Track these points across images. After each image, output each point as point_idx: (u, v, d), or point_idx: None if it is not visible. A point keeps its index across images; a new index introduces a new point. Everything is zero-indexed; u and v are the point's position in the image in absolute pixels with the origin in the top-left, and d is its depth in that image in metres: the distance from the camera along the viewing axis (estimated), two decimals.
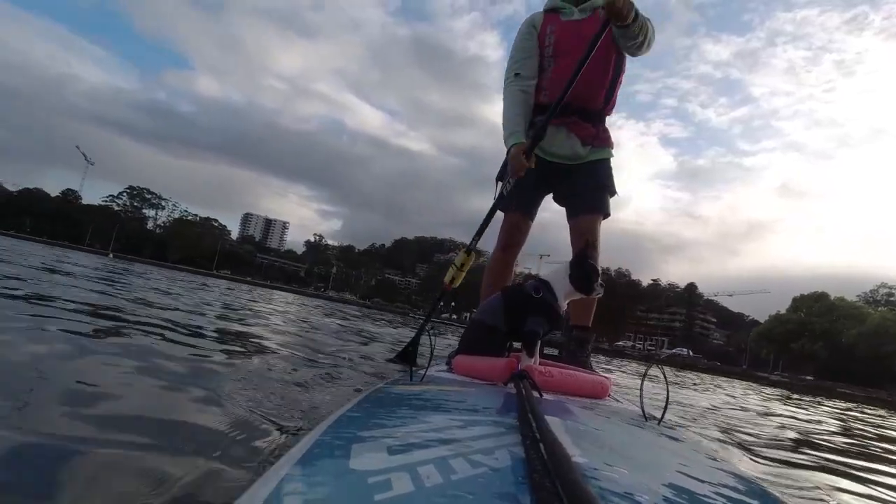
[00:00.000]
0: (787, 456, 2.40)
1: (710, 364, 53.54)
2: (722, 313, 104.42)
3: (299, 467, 0.54)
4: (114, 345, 2.11)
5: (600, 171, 2.25)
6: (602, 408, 1.16)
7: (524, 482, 0.47)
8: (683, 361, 50.08)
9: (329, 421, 0.76)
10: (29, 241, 37.95)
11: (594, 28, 2.10)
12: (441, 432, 0.66)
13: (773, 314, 67.77)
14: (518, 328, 1.43)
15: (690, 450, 0.91)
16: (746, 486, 0.70)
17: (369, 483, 0.47)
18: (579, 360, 2.01)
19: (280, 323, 5.19)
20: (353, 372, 2.51)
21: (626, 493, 0.49)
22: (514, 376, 1.01)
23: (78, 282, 5.41)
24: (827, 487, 1.82)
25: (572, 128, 2.19)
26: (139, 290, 5.99)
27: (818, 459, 2.43)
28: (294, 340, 3.63)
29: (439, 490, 0.46)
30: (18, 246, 16.81)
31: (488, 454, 0.56)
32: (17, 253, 10.49)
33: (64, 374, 1.55)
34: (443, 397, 1.00)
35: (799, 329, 60.39)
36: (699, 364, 49.35)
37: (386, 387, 1.21)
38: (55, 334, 2.09)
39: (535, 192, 2.33)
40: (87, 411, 1.26)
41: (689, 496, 0.55)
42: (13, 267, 5.84)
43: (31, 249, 15.27)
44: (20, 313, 2.46)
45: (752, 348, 69.22)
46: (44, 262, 8.37)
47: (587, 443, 0.69)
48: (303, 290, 62.27)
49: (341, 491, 0.47)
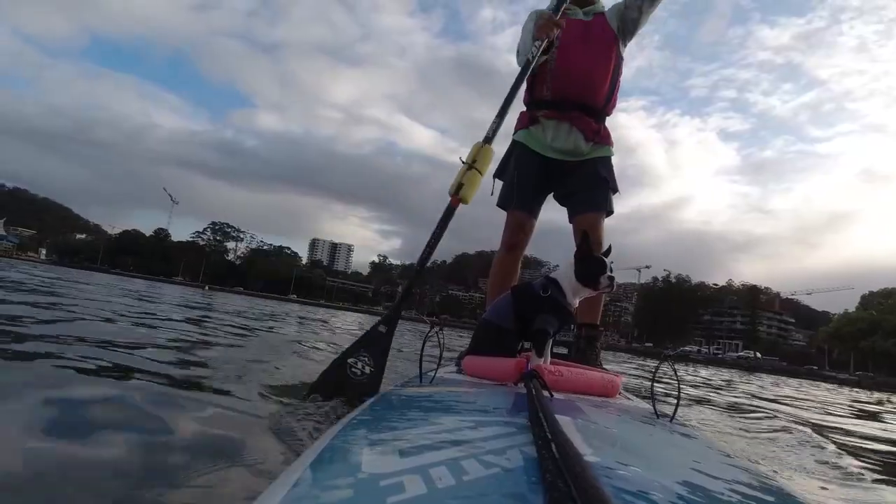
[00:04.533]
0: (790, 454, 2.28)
1: (778, 366, 52.87)
2: (802, 313, 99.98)
3: (312, 471, 0.54)
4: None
5: (602, 168, 2.25)
6: (613, 406, 1.17)
7: (537, 482, 0.47)
8: (749, 364, 49.37)
9: (341, 424, 0.77)
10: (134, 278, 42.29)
11: (598, 30, 2.20)
12: (452, 434, 0.66)
13: (842, 313, 65.93)
14: (527, 327, 1.42)
15: (704, 447, 0.91)
16: (762, 483, 0.69)
17: (381, 486, 0.47)
18: (589, 359, 2.00)
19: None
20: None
21: (640, 492, 0.49)
22: (523, 376, 1.01)
23: (277, 323, 7.30)
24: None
25: (575, 122, 2.19)
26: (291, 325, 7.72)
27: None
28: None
29: (452, 492, 0.46)
30: (133, 284, 17.84)
31: (500, 455, 0.56)
32: (156, 290, 12.54)
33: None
34: (453, 398, 1.00)
35: (870, 328, 58.97)
36: (765, 366, 48.20)
37: (396, 389, 1.22)
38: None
39: (536, 190, 2.31)
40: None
41: (704, 493, 0.55)
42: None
43: (161, 290, 17.05)
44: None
45: (808, 347, 65.63)
46: (198, 303, 10.31)
47: (599, 442, 0.69)
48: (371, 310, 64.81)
49: (354, 494, 0.47)
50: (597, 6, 2.31)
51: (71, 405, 1.41)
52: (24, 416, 1.23)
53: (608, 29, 2.23)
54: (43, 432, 1.17)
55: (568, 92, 2.18)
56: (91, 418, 1.32)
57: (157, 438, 1.24)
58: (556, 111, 2.20)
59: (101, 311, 4.41)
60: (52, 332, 2.73)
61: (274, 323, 7.33)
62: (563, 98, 2.19)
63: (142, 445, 1.17)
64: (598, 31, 2.22)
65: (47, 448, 1.10)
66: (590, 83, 2.19)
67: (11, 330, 2.52)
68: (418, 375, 1.33)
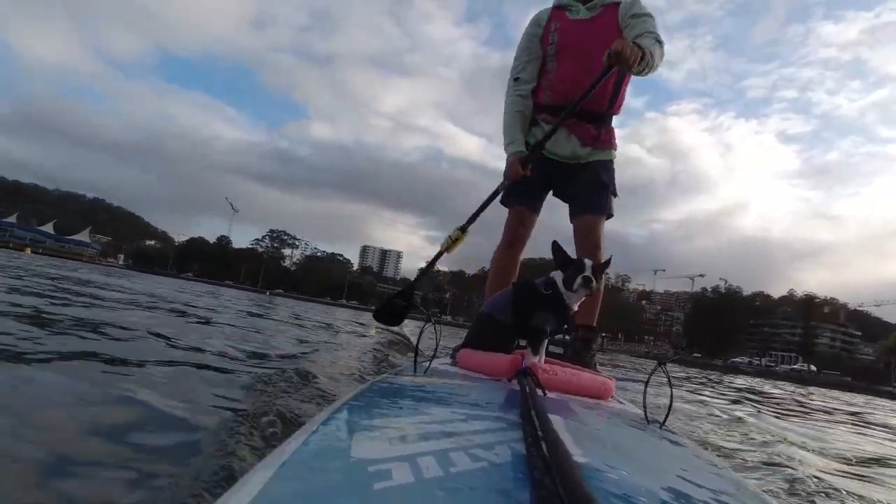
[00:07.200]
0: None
1: (835, 379, 52.64)
2: (872, 325, 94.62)
3: (300, 453, 0.54)
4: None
5: (602, 171, 2.25)
6: (605, 409, 1.17)
7: (524, 479, 0.48)
8: (801, 377, 49.27)
9: (332, 408, 0.78)
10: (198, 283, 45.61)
11: (601, 27, 2.13)
12: (443, 425, 0.67)
13: None
14: (525, 324, 1.41)
15: (691, 455, 0.91)
16: (745, 493, 0.70)
17: (370, 472, 0.48)
18: (584, 360, 2.00)
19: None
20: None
21: (626, 495, 0.49)
22: (517, 373, 1.02)
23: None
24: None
25: (573, 129, 2.19)
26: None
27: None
28: None
29: (439, 482, 0.46)
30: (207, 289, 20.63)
31: (489, 449, 0.56)
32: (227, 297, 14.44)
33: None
34: (446, 390, 1.01)
35: None
36: (820, 380, 48.04)
37: (389, 377, 1.22)
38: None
39: (537, 187, 2.32)
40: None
41: (687, 501, 0.55)
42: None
43: (232, 294, 19.72)
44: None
45: (875, 362, 62.04)
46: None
47: (588, 442, 0.69)
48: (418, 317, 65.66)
49: (341, 478, 0.48)
50: None
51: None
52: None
53: (615, 25, 2.14)
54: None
55: (566, 99, 2.13)
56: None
57: (140, 419, 1.38)
58: (555, 117, 2.17)
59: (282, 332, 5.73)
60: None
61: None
62: (562, 104, 2.15)
63: (138, 425, 1.32)
64: (602, 30, 2.12)
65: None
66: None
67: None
68: (412, 364, 1.32)
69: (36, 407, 1.40)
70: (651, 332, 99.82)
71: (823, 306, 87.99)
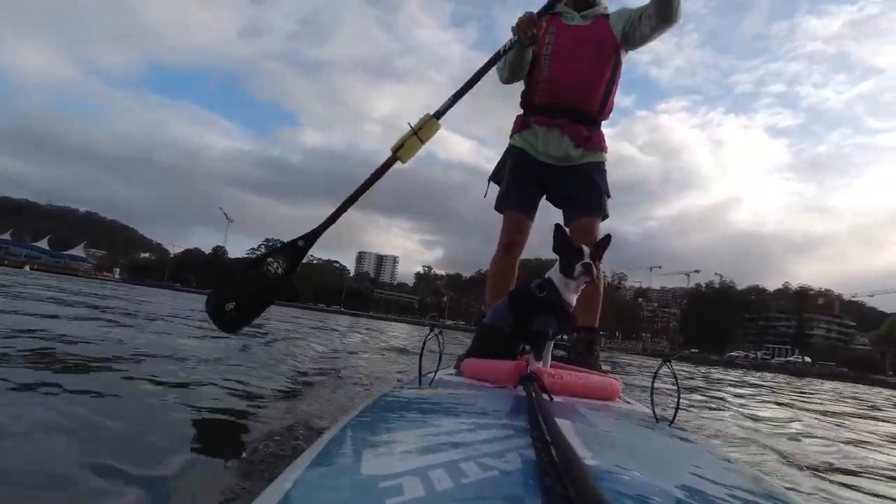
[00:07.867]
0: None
1: (829, 370, 53.19)
2: (868, 316, 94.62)
3: (310, 472, 0.54)
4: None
5: (595, 172, 2.26)
6: (613, 410, 1.17)
7: (535, 485, 0.47)
8: (796, 368, 49.95)
9: (339, 425, 0.78)
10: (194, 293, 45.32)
11: (595, 33, 2.17)
12: (451, 436, 0.66)
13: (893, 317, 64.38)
14: (526, 329, 1.42)
15: (704, 451, 0.91)
16: (763, 489, 0.68)
17: (380, 487, 0.47)
18: (588, 362, 1.99)
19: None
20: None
21: (640, 496, 0.49)
22: (523, 379, 1.01)
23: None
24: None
25: (565, 129, 2.20)
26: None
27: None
28: None
29: (450, 494, 0.46)
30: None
31: (499, 458, 0.56)
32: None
33: None
34: (452, 401, 1.00)
35: None
36: (813, 371, 48.60)
37: (394, 391, 1.22)
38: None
39: (531, 191, 2.33)
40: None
41: (703, 498, 0.54)
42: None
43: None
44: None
45: (871, 352, 62.77)
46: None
47: (598, 445, 0.68)
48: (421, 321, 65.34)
49: (352, 495, 0.48)
50: (598, 8, 2.28)
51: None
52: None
53: (609, 34, 2.20)
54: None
55: (559, 99, 2.19)
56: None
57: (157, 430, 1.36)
58: (547, 117, 2.21)
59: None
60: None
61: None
62: (554, 105, 2.20)
63: (139, 434, 1.31)
64: (597, 37, 2.19)
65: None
66: (581, 91, 2.19)
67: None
68: (417, 377, 1.31)
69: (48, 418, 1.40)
70: (648, 329, 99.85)
71: (818, 298, 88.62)
